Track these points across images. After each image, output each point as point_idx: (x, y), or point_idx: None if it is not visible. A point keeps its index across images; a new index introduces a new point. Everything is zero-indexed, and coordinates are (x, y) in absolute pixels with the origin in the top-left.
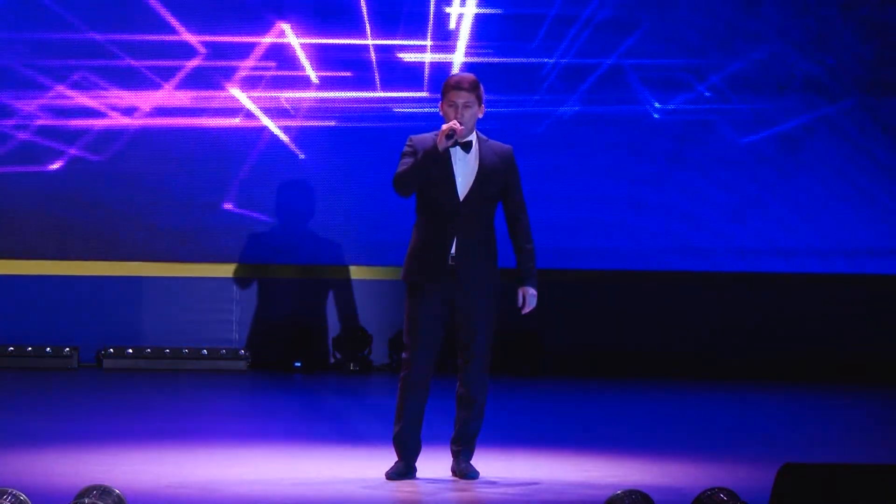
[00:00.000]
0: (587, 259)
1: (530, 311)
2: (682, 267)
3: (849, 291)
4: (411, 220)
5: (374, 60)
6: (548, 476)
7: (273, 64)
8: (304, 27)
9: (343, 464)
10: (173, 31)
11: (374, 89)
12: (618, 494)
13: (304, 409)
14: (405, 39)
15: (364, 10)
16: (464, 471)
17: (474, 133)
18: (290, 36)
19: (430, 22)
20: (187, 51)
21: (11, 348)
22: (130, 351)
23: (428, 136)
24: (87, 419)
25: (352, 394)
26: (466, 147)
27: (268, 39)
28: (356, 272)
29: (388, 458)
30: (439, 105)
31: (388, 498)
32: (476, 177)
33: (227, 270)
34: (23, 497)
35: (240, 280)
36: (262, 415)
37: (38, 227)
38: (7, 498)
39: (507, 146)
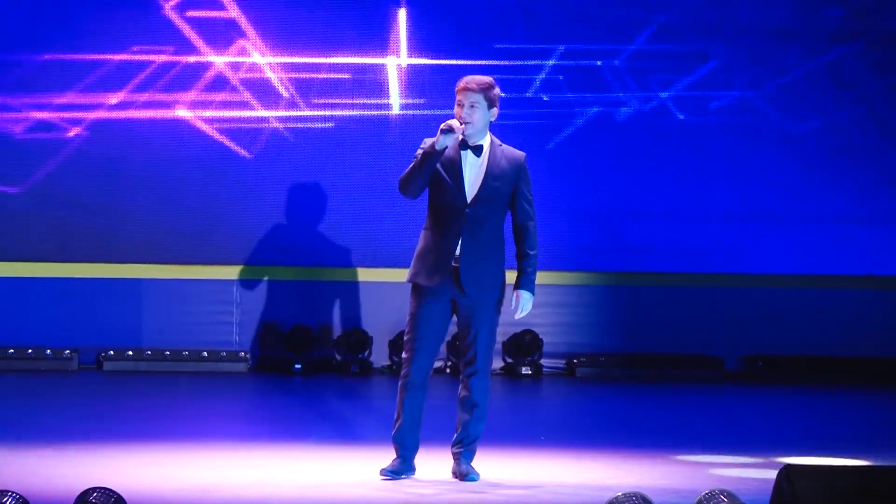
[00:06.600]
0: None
1: (523, 316)
2: (681, 268)
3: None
4: (411, 221)
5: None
6: (548, 478)
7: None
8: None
9: (343, 465)
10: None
11: (378, 93)
12: (618, 497)
13: (305, 411)
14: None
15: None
16: (464, 473)
17: (487, 136)
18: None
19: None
20: (185, 50)
21: (12, 350)
22: (130, 353)
23: None
24: (87, 421)
25: (352, 396)
26: (477, 150)
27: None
28: (356, 274)
29: (388, 460)
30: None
31: (388, 499)
32: (483, 180)
33: (227, 272)
34: (23, 499)
35: (240, 282)
36: (262, 417)
37: (38, 229)
38: (7, 500)
39: (521, 153)
